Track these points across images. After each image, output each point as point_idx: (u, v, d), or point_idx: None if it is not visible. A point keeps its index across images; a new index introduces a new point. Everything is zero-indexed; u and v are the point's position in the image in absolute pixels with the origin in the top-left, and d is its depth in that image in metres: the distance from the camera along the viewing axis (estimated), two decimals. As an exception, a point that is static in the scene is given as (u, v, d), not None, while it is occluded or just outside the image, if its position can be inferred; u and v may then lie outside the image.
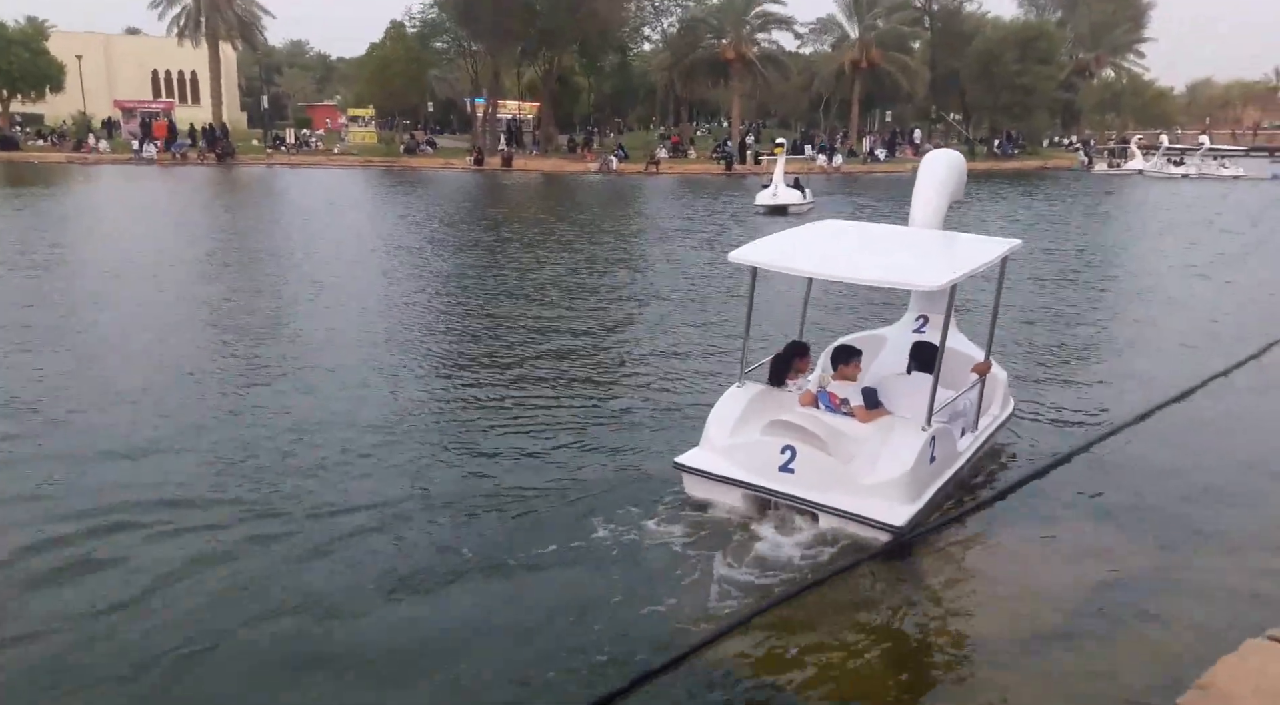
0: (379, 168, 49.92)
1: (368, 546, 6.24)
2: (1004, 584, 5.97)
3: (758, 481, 6.35)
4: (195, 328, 12.66)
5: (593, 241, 21.89)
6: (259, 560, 6.04)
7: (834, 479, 6.20)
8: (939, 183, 8.12)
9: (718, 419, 6.88)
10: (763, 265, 6.82)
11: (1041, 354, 11.92)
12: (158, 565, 5.89)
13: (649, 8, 64.17)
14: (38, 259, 17.74)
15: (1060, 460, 7.95)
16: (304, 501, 6.89)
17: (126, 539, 6.27)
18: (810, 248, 7.17)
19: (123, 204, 30.56)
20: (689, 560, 6.02)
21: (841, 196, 36.58)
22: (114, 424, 8.56)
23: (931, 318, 7.92)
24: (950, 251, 7.10)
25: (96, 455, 7.79)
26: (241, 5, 57.86)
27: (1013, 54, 59.49)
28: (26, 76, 52.72)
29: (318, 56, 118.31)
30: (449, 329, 12.90)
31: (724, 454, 6.60)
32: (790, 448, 6.27)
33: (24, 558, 6.00)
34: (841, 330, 9.48)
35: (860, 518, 6.03)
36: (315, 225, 24.39)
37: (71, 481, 7.21)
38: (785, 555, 6.05)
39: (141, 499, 6.91)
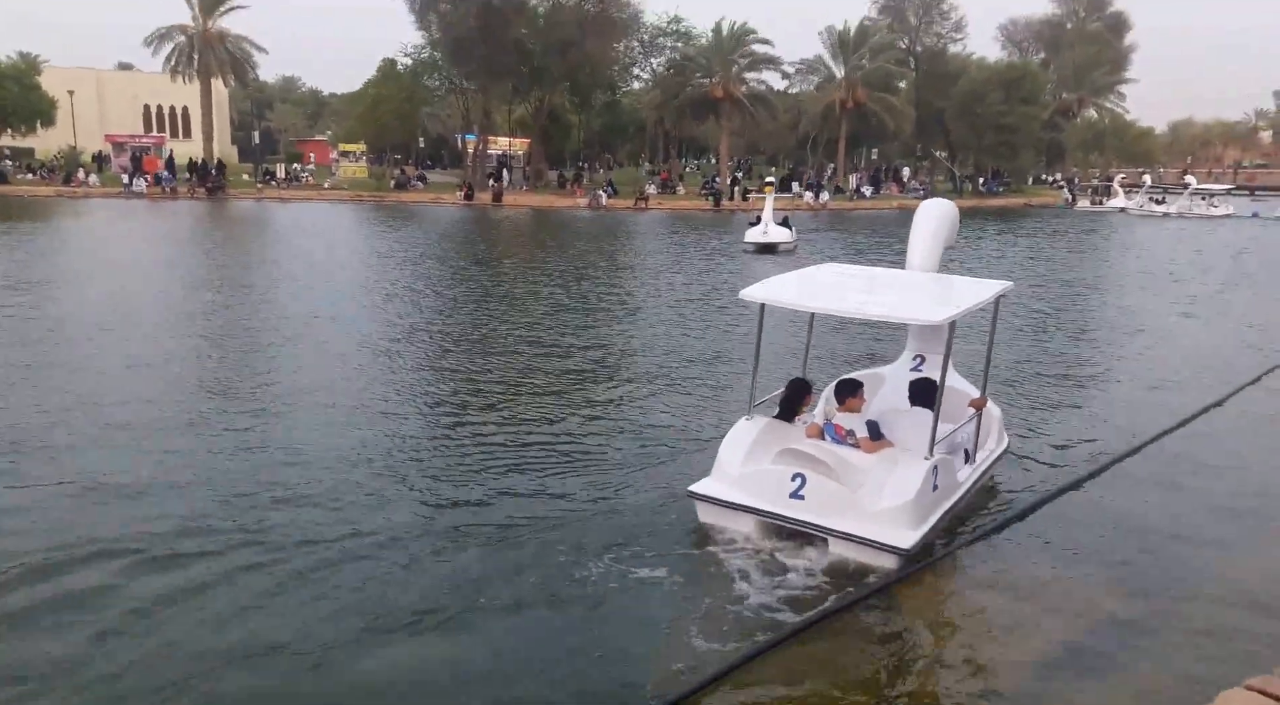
0: (369, 203, 50.09)
1: (380, 579, 6.27)
2: (983, 629, 5.98)
3: (769, 508, 6.66)
4: (183, 363, 12.56)
5: (584, 277, 21.97)
6: (239, 593, 6.02)
7: (843, 505, 6.50)
8: (934, 229, 8.49)
9: (729, 449, 7.19)
10: (774, 303, 7.21)
11: (1030, 391, 12.00)
12: (136, 598, 5.88)
13: (638, 48, 65.07)
14: (26, 296, 17.67)
15: (1047, 498, 8.03)
16: (290, 535, 6.88)
17: (117, 570, 6.31)
18: (817, 287, 7.71)
19: (112, 239, 30.47)
20: (701, 587, 6.18)
21: (829, 234, 36.95)
22: (100, 459, 8.50)
23: (928, 357, 8.35)
24: (948, 292, 7.51)
25: (84, 489, 7.73)
26: (234, 42, 58.38)
27: (997, 94, 60.52)
28: (18, 111, 52.95)
29: (310, 92, 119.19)
30: (441, 365, 12.88)
31: (736, 482, 6.92)
32: (801, 475, 6.60)
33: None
34: (837, 370, 9.55)
35: (870, 542, 6.32)
36: (304, 261, 24.38)
37: (51, 515, 7.18)
38: (796, 583, 6.25)
39: (123, 532, 6.88)
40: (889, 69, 64.34)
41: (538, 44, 53.77)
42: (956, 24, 67.48)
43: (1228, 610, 6.20)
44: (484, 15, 50.18)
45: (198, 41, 56.71)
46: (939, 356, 7.82)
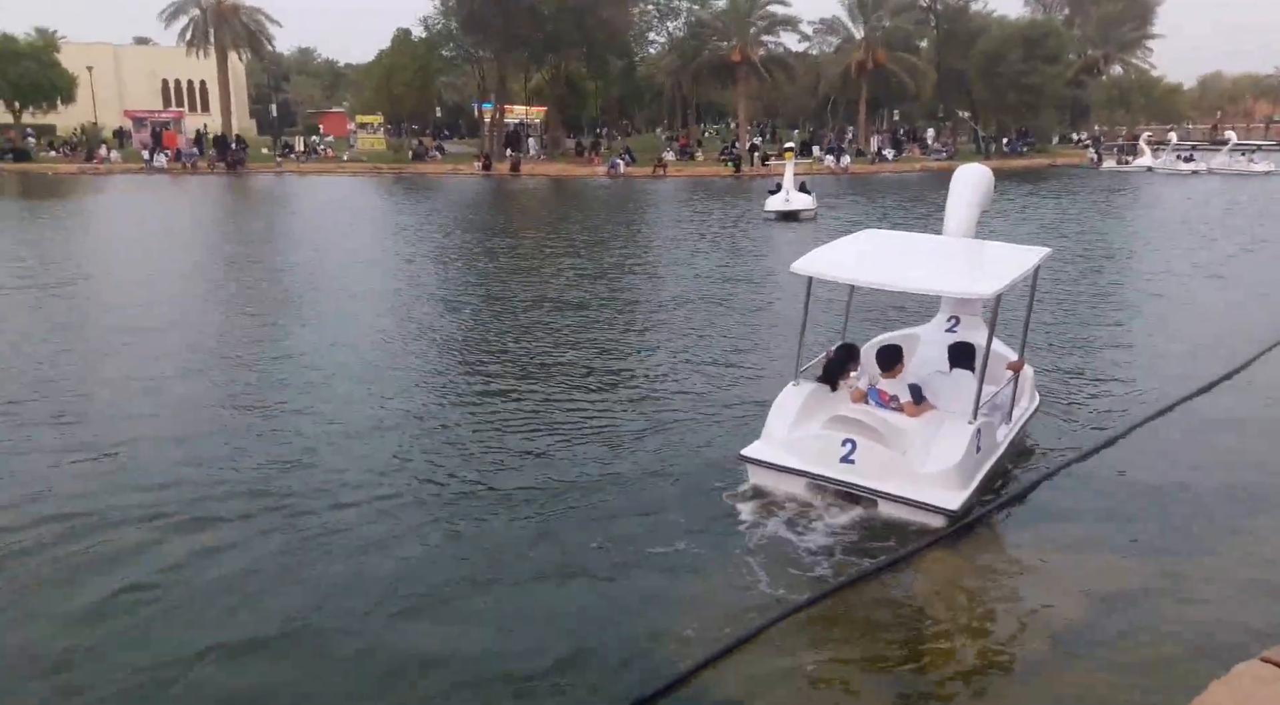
0: (388, 175, 50.14)
1: (418, 550, 6.53)
2: (1003, 595, 6.12)
3: (821, 471, 6.94)
4: (208, 339, 12.79)
5: (605, 248, 22.01)
6: (273, 561, 6.31)
7: (892, 468, 6.78)
8: (970, 196, 8.70)
9: (778, 415, 7.45)
10: (825, 277, 7.47)
11: (1054, 353, 12.07)
12: (165, 561, 6.23)
13: (654, 12, 64.29)
14: (56, 272, 17.95)
15: (1077, 459, 8.24)
16: (319, 501, 7.18)
17: (150, 533, 6.65)
18: (864, 259, 7.87)
19: (137, 216, 30.79)
20: (751, 547, 6.44)
21: (851, 198, 36.60)
22: (134, 429, 8.88)
23: (963, 319, 8.60)
24: (994, 261, 7.74)
25: (116, 456, 8.13)
26: (248, 15, 58.26)
27: (1019, 53, 59.33)
28: (37, 88, 53.20)
29: (326, 63, 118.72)
30: (468, 337, 13.11)
31: (786, 447, 7.19)
32: (850, 440, 6.86)
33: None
34: (863, 329, 9.69)
35: (919, 503, 6.62)
36: (325, 234, 24.61)
37: (83, 488, 7.47)
38: (841, 544, 6.53)
39: (153, 499, 7.23)
40: (909, 29, 63.26)
41: (552, 9, 53.24)
42: (979, -20, 66.08)
43: (1246, 580, 6.26)
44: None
45: (212, 15, 56.67)
46: (974, 318, 8.49)
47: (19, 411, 9.48)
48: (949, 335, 8.40)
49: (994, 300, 7.03)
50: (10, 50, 52.40)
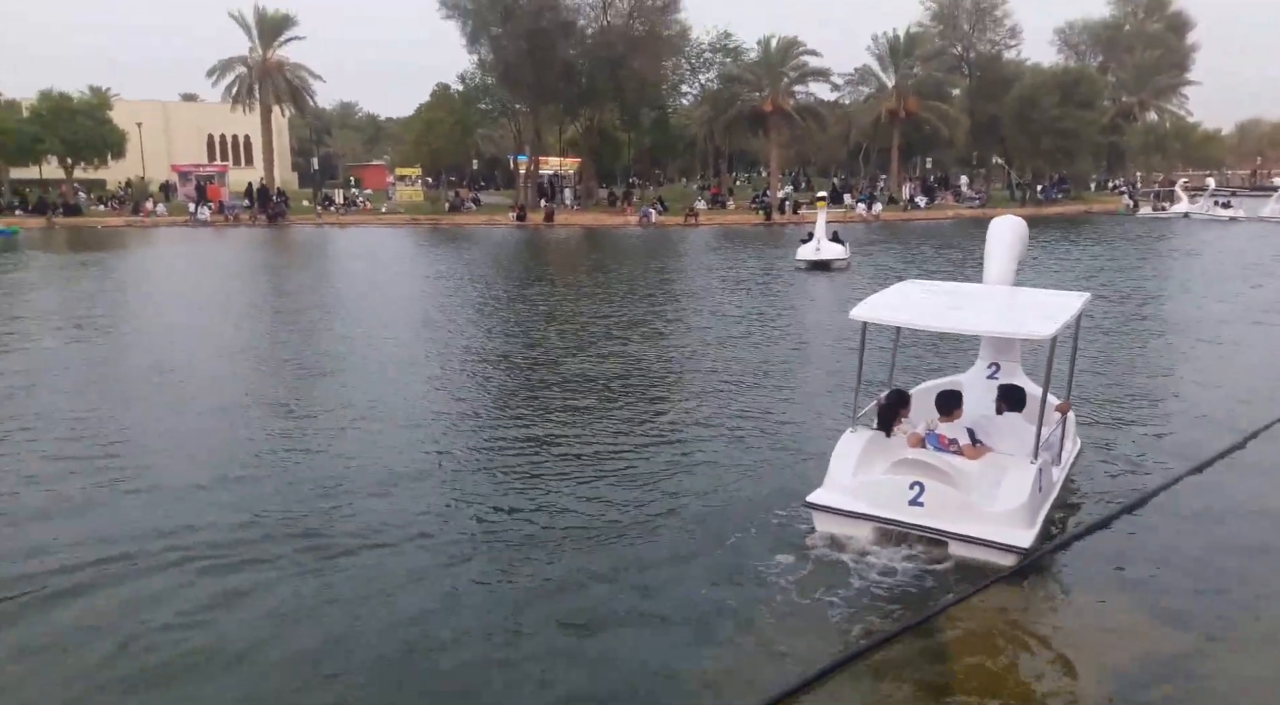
0: (425, 226, 50.96)
1: (469, 588, 6.60)
2: (1066, 636, 6.08)
3: (891, 515, 7.02)
4: (247, 382, 13.00)
5: (637, 295, 22.05)
6: (326, 595, 6.49)
7: (961, 510, 6.91)
8: (1008, 246, 8.98)
9: (840, 461, 7.55)
10: (883, 322, 7.77)
11: (1101, 398, 11.89)
12: (203, 595, 6.37)
13: (687, 65, 65.28)
14: (102, 321, 18.35)
15: (1123, 509, 8.11)
16: (358, 557, 7.12)
17: (190, 569, 6.82)
18: (919, 305, 8.28)
19: (180, 267, 31.53)
20: (814, 592, 6.49)
21: (885, 246, 36.46)
22: (176, 467, 9.24)
23: (1003, 365, 8.82)
24: (1042, 305, 8.03)
25: (163, 496, 8.39)
26: (292, 71, 59.95)
27: (1053, 99, 59.34)
28: (90, 145, 54.90)
29: (367, 117, 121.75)
30: (509, 384, 13.24)
31: (852, 492, 7.28)
32: (919, 483, 6.99)
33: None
34: (900, 381, 9.70)
35: (992, 543, 6.75)
36: (362, 284, 24.96)
37: (133, 521, 7.75)
38: (910, 585, 6.62)
39: (196, 535, 7.44)
40: (940, 77, 63.56)
41: (586, 64, 54.29)
42: (1011, 30, 66.26)
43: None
44: (532, 38, 50.88)
45: (257, 72, 58.37)
46: (1013, 364, 8.78)
47: (68, 452, 9.74)
48: (991, 381, 8.59)
49: (1048, 343, 7.24)
50: (65, 108, 54.28)
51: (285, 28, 59.05)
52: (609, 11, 55.22)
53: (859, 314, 7.57)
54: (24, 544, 7.34)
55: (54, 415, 11.25)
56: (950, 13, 65.27)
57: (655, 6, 55.06)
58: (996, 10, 64.88)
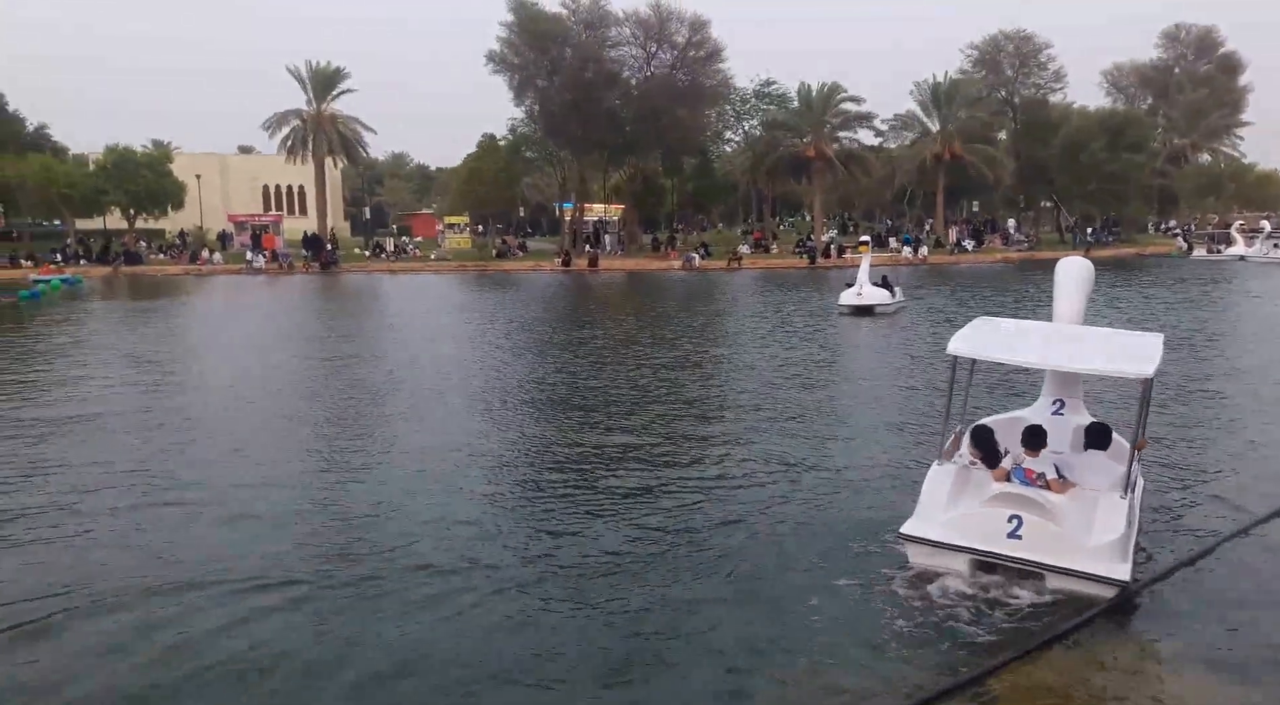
0: (472, 272, 51.72)
1: (551, 620, 6.81)
2: (1164, 671, 6.14)
3: (988, 548, 7.14)
4: (298, 423, 13.34)
5: (682, 337, 22.03)
6: (435, 612, 6.88)
7: (1059, 543, 6.99)
8: (1078, 285, 9.21)
9: (931, 494, 7.64)
10: (981, 357, 8.03)
11: (1168, 445, 11.65)
12: (265, 615, 6.62)
13: (731, 112, 65.95)
14: (163, 364, 18.84)
15: (1217, 544, 8.15)
16: (476, 565, 7.61)
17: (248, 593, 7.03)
18: (1011, 341, 8.43)
19: (238, 313, 32.33)
20: (918, 622, 6.62)
21: (935, 289, 36.07)
22: (239, 495, 9.80)
23: (1067, 401, 8.98)
24: (1129, 345, 8.29)
25: (220, 520, 9.04)
26: (345, 124, 61.68)
27: (1101, 141, 58.78)
28: (152, 197, 56.83)
29: (417, 167, 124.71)
30: (567, 422, 13.42)
31: (946, 525, 7.36)
32: (1017, 517, 7.10)
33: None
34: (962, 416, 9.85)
35: (1093, 576, 6.85)
36: (412, 328, 25.33)
37: (191, 548, 8.26)
38: (1005, 618, 6.72)
39: (252, 561, 7.84)
40: (985, 120, 63.36)
41: (630, 114, 55.12)
42: (1055, 74, 66.06)
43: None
44: (578, 90, 51.87)
45: (311, 124, 60.14)
46: (1076, 401, 8.97)
47: (136, 482, 10.29)
48: (1057, 417, 8.73)
49: (1146, 382, 7.52)
50: (129, 162, 56.39)
51: (338, 81, 60.93)
52: (653, 63, 56.18)
53: (954, 348, 7.74)
54: (111, 563, 7.92)
55: (121, 449, 11.86)
56: (993, 58, 65.28)
57: (698, 57, 55.87)
58: (1040, 55, 64.79)
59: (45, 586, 7.37)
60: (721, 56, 56.47)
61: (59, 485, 10.25)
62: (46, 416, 14.03)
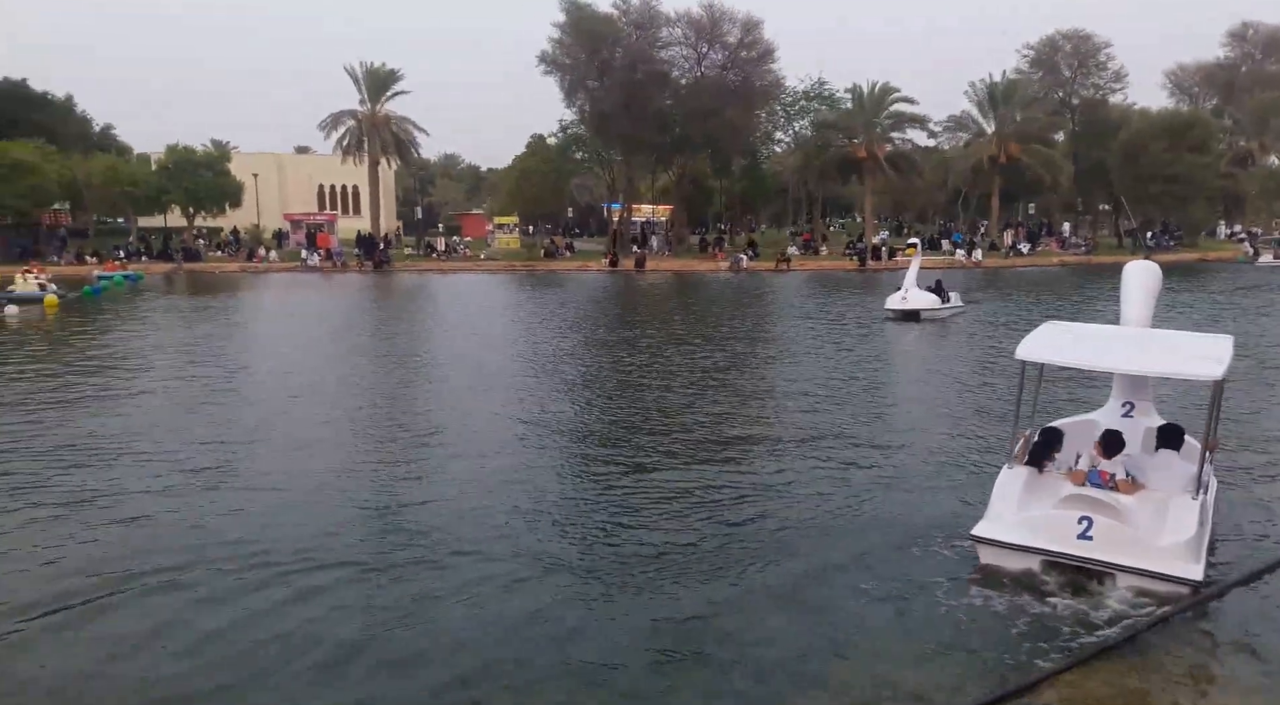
0: (520, 271, 52.06)
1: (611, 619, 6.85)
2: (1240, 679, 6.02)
3: (1059, 548, 7.19)
4: (350, 419, 13.45)
5: (728, 338, 21.87)
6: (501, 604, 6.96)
7: (1130, 543, 7.04)
8: (1145, 289, 9.21)
9: (1002, 496, 7.72)
10: (1052, 362, 8.10)
11: (1237, 447, 11.52)
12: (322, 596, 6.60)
13: (781, 113, 65.42)
14: (222, 354, 19.23)
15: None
16: (537, 558, 7.34)
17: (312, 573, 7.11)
18: (1081, 345, 8.44)
19: (293, 309, 32.99)
20: (988, 621, 6.70)
21: (988, 294, 35.32)
22: (287, 485, 10.11)
23: (1137, 404, 9.02)
24: (1198, 347, 8.19)
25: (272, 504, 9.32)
26: (398, 125, 62.46)
27: (1162, 143, 57.18)
28: (211, 196, 58.18)
29: (469, 168, 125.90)
30: (625, 420, 13.44)
31: (1017, 526, 7.43)
32: (1087, 518, 7.17)
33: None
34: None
35: (1165, 575, 6.88)
36: (461, 326, 25.62)
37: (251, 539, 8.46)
38: (1077, 617, 6.73)
39: (307, 546, 8.13)
40: (1042, 121, 62.02)
41: (679, 115, 55.00)
42: (1115, 74, 64.39)
43: None
44: (628, 91, 51.90)
45: (366, 125, 61.01)
46: (1146, 403, 9.01)
47: (194, 465, 10.63)
48: (1127, 420, 8.78)
49: (1216, 384, 7.47)
50: (189, 161, 57.79)
51: (391, 83, 61.69)
52: (703, 63, 56.01)
53: (1023, 353, 7.81)
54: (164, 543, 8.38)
55: (181, 435, 12.31)
56: (1050, 58, 63.88)
57: (749, 58, 55.58)
58: (1100, 54, 63.22)
59: (109, 563, 7.78)
60: (773, 56, 56.18)
61: (122, 469, 10.75)
62: (109, 408, 14.47)
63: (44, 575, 7.56)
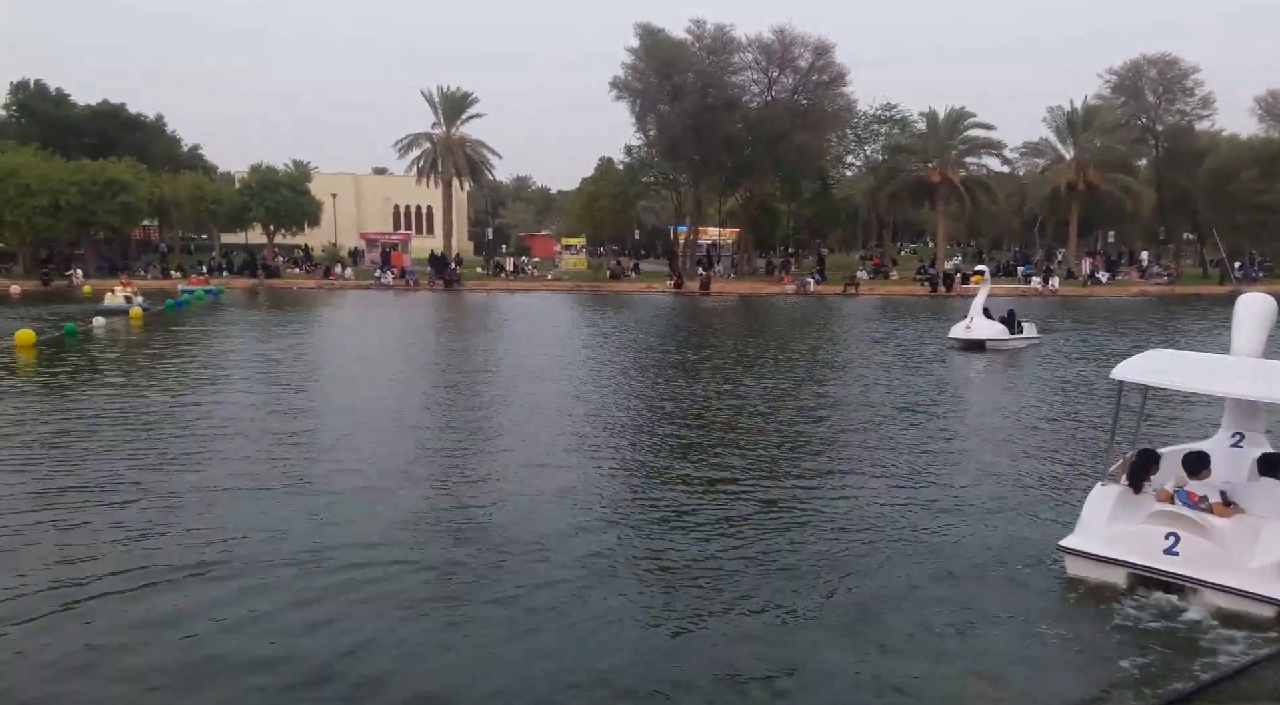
0: (587, 292, 52.47)
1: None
2: None
3: (1145, 562, 7.33)
4: (411, 429, 13.91)
5: (791, 361, 21.63)
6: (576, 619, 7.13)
7: (1216, 561, 7.11)
8: (1258, 319, 9.20)
9: (1093, 510, 7.94)
10: (1151, 383, 8.33)
11: None
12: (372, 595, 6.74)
13: (852, 136, 64.93)
14: (303, 369, 19.80)
15: None
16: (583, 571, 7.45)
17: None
18: (1181, 370, 8.62)
19: (368, 324, 33.94)
20: (1084, 638, 6.80)
21: (1063, 323, 34.28)
22: (356, 491, 10.58)
23: (1248, 434, 9.04)
24: None
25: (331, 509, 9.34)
26: (472, 147, 63.69)
27: (1252, 172, 55.07)
28: (291, 214, 60.08)
29: (539, 190, 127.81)
30: (692, 441, 13.27)
31: (1106, 539, 7.62)
32: (1174, 534, 7.28)
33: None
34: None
35: (1251, 594, 6.91)
36: (526, 345, 25.93)
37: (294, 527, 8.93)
38: (1175, 635, 6.78)
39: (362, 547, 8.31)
40: (1123, 148, 60.28)
41: (748, 138, 54.96)
42: (1203, 100, 62.20)
43: None
44: (699, 115, 52.09)
45: (440, 147, 62.34)
46: (1257, 434, 9.06)
47: (257, 472, 11.06)
48: (1235, 450, 8.90)
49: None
50: (271, 180, 59.84)
51: (466, 106, 62.99)
52: (774, 87, 55.97)
53: (1118, 374, 8.07)
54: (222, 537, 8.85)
55: (253, 442, 12.84)
56: (1134, 83, 62.13)
57: (820, 82, 55.34)
58: (1186, 80, 61.25)
59: (173, 560, 8.18)
60: (845, 80, 55.84)
61: (199, 474, 11.23)
62: (187, 416, 14.99)
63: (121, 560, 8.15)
